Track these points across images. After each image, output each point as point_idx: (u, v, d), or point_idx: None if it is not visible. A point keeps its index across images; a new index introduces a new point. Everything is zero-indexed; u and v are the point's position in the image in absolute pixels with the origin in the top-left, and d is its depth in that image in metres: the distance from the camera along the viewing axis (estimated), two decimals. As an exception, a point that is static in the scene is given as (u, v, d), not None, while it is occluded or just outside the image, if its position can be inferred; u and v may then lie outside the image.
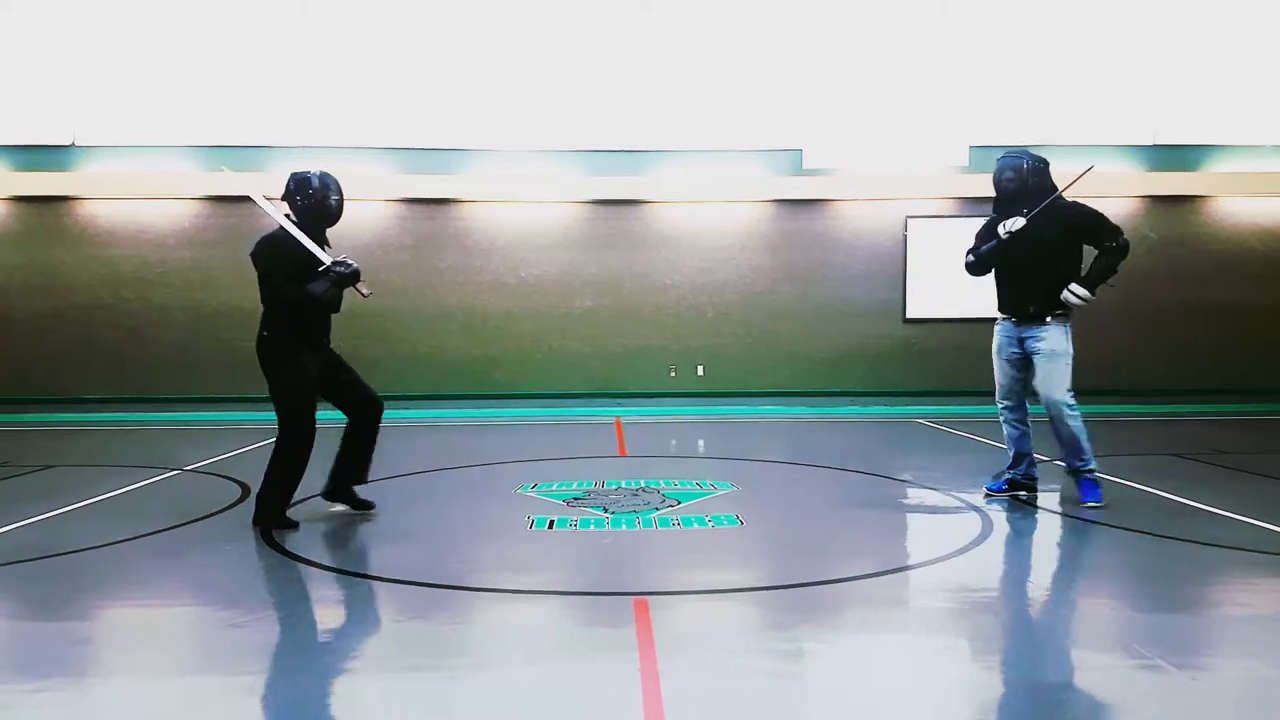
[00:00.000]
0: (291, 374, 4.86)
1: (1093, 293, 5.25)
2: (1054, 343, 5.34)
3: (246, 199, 11.13)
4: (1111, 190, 11.50)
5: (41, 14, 11.06)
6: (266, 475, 4.88)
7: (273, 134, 11.22)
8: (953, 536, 4.81)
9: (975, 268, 5.59)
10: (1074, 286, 5.22)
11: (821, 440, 8.76)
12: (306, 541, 4.64)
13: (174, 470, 6.90)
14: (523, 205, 11.47)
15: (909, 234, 11.50)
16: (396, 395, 11.21)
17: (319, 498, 5.32)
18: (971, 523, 5.05)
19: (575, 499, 5.67)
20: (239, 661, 3.11)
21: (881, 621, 3.58)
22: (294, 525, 4.87)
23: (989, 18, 11.49)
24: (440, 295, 11.45)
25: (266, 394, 4.94)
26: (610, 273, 11.53)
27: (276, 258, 4.80)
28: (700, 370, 11.58)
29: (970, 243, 5.65)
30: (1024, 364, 5.51)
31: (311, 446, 4.87)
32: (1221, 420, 10.00)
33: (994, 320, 5.67)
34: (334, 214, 5.03)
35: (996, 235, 5.41)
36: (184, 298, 11.27)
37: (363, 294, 4.96)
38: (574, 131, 11.38)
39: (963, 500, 5.61)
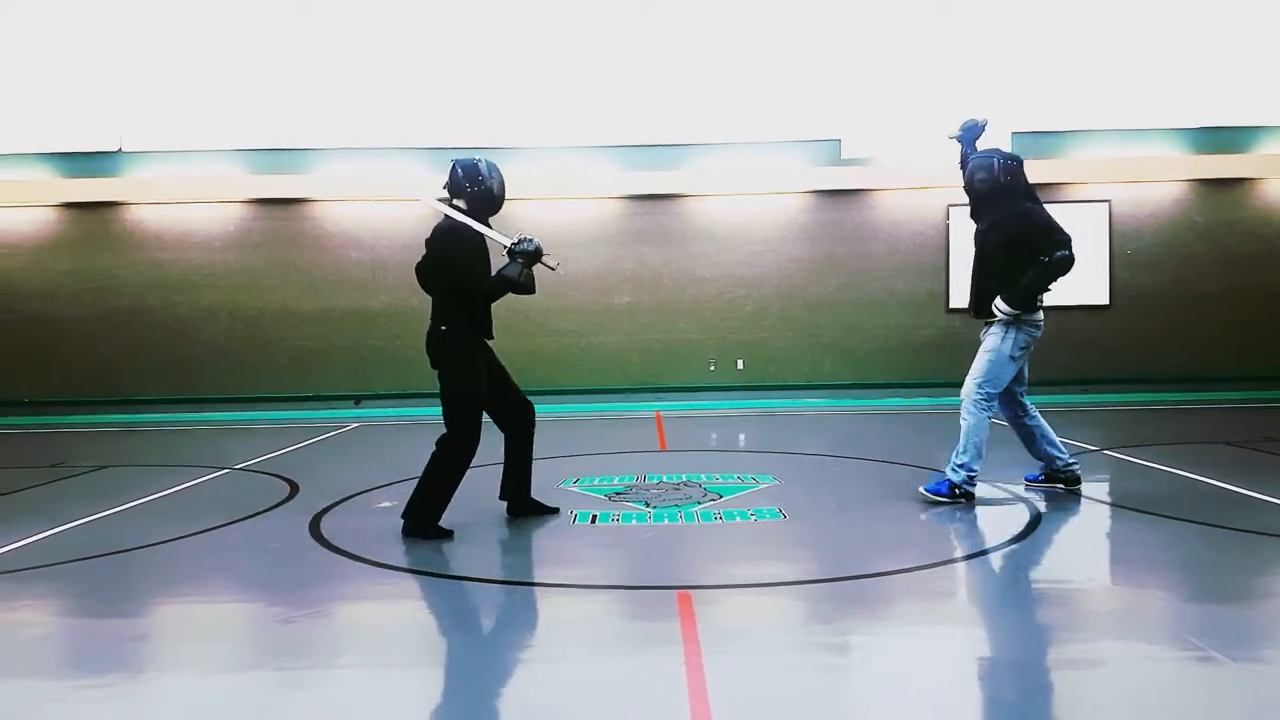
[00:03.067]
0: (471, 372, 4.63)
1: (1014, 307, 5.04)
2: (991, 340, 5.22)
3: (295, 201, 11.37)
4: (1156, 174, 11.25)
5: (85, 22, 11.32)
6: (423, 481, 4.63)
7: (313, 136, 11.39)
8: (1000, 528, 4.75)
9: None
10: (999, 301, 5.10)
11: (864, 433, 8.69)
12: (353, 538, 4.70)
13: (223, 469, 7.04)
14: (560, 202, 11.51)
15: (951, 223, 11.36)
16: (437, 393, 11.35)
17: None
18: (1019, 514, 4.98)
19: (617, 494, 5.68)
20: (290, 657, 3.16)
21: (929, 614, 3.55)
22: (449, 535, 4.59)
23: (1029, 2, 11.28)
24: (480, 293, 11.52)
25: (308, 394, 4.97)
26: (648, 268, 11.53)
27: (462, 248, 4.56)
28: (740, 364, 11.54)
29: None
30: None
31: (476, 450, 4.65)
32: (1274, 407, 9.74)
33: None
34: (500, 200, 4.82)
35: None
36: (230, 300, 11.48)
37: (550, 267, 4.63)
38: (610, 127, 11.39)
39: (1009, 492, 5.54)
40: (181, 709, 2.77)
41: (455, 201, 4.67)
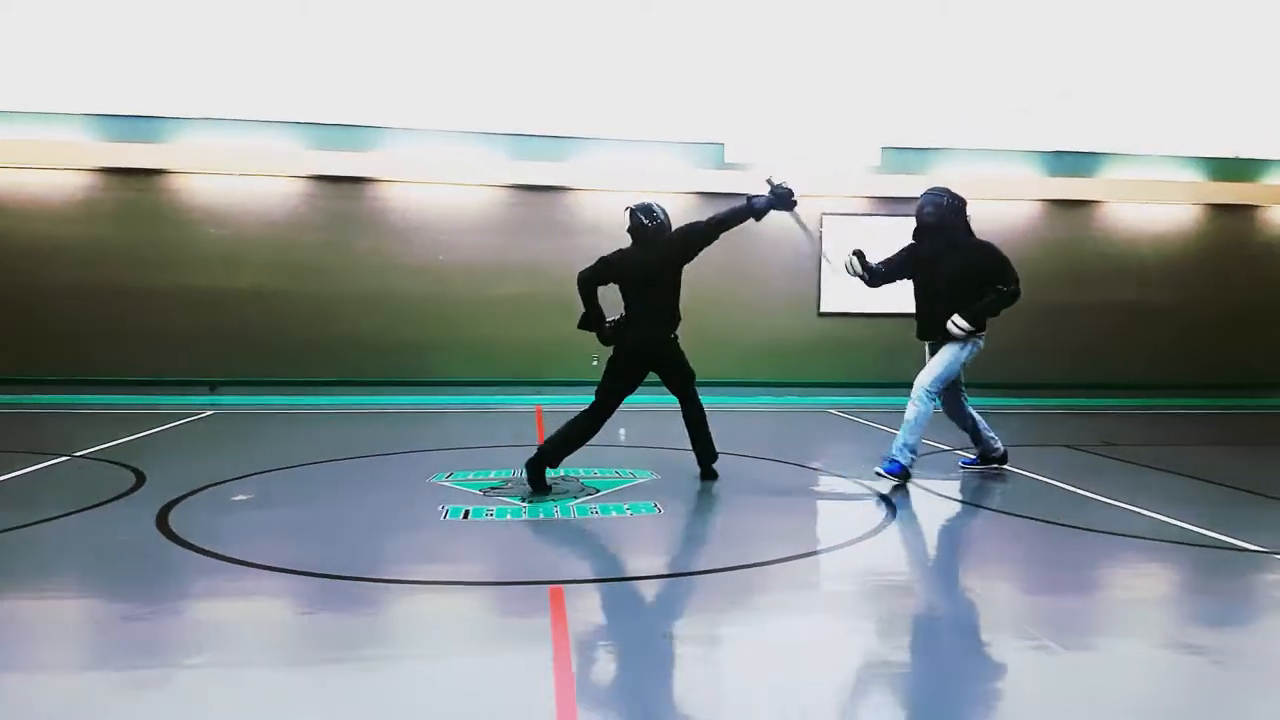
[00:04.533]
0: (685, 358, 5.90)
1: (972, 325, 5.67)
2: (951, 348, 5.82)
3: (150, 172, 10.66)
4: (1013, 193, 11.96)
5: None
6: (705, 429, 5.92)
7: (176, 104, 10.73)
8: (859, 522, 4.94)
9: (871, 283, 6.13)
10: (957, 318, 5.67)
11: (738, 429, 8.87)
12: (209, 532, 4.47)
13: (64, 457, 6.57)
14: (444, 187, 11.25)
15: (824, 230, 11.73)
16: (308, 380, 10.95)
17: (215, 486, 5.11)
18: (877, 509, 5.19)
19: (492, 488, 5.61)
20: (135, 656, 2.98)
21: (790, 606, 3.66)
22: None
23: (901, 25, 11.76)
24: (356, 277, 11.14)
25: (160, 378, 4.71)
26: (534, 259, 11.40)
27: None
28: (619, 359, 11.57)
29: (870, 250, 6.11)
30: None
31: None
32: (1112, 414, 10.50)
33: (902, 314, 6.06)
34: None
35: (908, 262, 5.99)
36: (78, 275, 10.70)
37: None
38: (498, 114, 11.20)
39: (869, 487, 5.77)
40: (17, 711, 2.56)
41: (641, 235, 5.77)
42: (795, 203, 5.55)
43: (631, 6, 11.37)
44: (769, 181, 5.57)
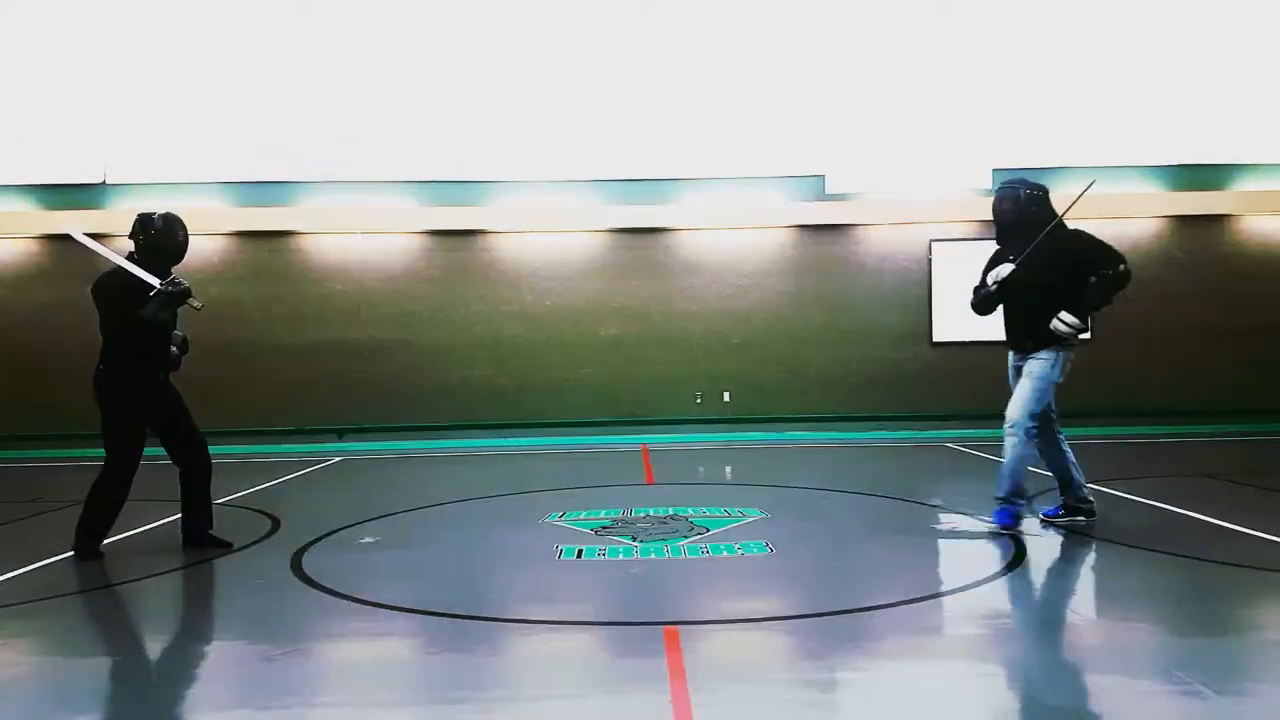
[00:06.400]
0: (123, 403, 5.07)
1: (1082, 321, 5.12)
2: (1039, 367, 5.25)
3: (278, 234, 11.36)
4: (1135, 211, 11.42)
5: None
6: (88, 502, 5.08)
7: (300, 169, 11.40)
8: (985, 562, 4.75)
9: (977, 309, 5.55)
10: (1063, 314, 5.11)
11: (849, 465, 8.70)
12: (335, 573, 4.66)
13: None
14: (548, 235, 11.56)
15: (933, 257, 11.47)
16: (427, 425, 11.34)
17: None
18: (1004, 548, 4.98)
19: (603, 527, 5.66)
20: (271, 695, 3.12)
21: (916, 649, 3.53)
22: (100, 555, 5.07)
23: (1008, 41, 11.49)
24: (468, 326, 11.54)
25: (285, 427, 4.95)
26: (636, 301, 11.57)
27: (114, 290, 5.01)
28: (726, 396, 11.55)
29: (977, 276, 5.59)
30: None
31: (131, 481, 5.13)
32: (1254, 441, 9.83)
33: None
34: (177, 250, 5.37)
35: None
36: (214, 332, 11.33)
37: (195, 307, 5.14)
38: (597, 161, 11.48)
39: (993, 525, 5.54)
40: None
41: (131, 250, 5.15)
42: (187, 290, 5.12)
43: (723, 44, 11.50)
44: (160, 291, 4.99)
